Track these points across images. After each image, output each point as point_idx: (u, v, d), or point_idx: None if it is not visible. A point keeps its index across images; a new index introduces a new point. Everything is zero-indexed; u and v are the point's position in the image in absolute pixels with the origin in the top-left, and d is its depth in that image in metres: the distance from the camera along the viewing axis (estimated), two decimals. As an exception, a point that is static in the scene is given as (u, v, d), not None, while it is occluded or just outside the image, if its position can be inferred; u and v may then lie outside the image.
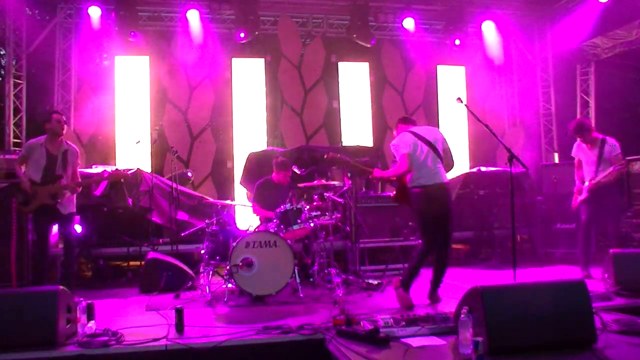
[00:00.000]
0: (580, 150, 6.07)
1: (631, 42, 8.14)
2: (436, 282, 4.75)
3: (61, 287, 3.65)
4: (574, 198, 6.12)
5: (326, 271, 5.62)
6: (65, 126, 5.30)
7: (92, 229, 6.53)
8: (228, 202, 6.83)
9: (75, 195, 5.31)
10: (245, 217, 7.50)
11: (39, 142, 5.16)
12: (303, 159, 7.09)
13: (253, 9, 8.63)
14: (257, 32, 8.74)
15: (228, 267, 4.96)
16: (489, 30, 9.35)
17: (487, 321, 3.03)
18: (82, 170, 6.78)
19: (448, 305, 4.37)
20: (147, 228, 6.53)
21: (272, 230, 5.21)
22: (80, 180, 5.42)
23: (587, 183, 5.99)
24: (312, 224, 5.43)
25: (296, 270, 5.09)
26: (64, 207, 5.17)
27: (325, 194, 5.97)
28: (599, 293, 4.47)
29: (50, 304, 3.48)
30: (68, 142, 5.33)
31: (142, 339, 3.63)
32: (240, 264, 4.88)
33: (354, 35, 9.11)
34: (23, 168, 5.15)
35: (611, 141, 5.93)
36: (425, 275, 4.90)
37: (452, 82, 10.03)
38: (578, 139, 6.01)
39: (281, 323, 3.94)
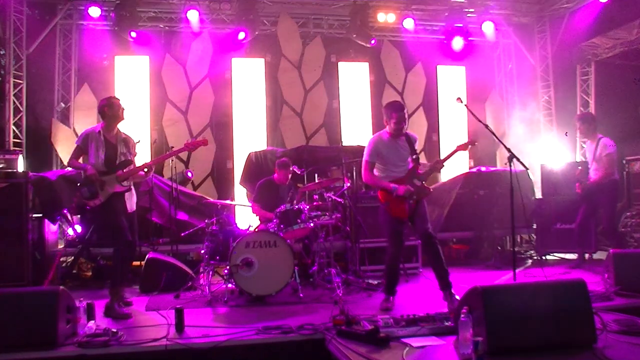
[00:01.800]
0: (587, 148, 6.63)
1: (631, 42, 8.13)
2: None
3: (61, 287, 3.65)
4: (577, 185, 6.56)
5: (326, 271, 5.62)
6: (124, 112, 4.87)
7: (92, 228, 6.52)
8: (228, 202, 6.84)
9: (135, 193, 4.94)
10: (245, 217, 7.50)
11: (95, 130, 4.77)
12: (303, 159, 7.08)
13: (253, 9, 8.63)
14: (257, 32, 8.74)
15: (228, 267, 4.97)
16: (489, 30, 9.35)
17: (487, 321, 3.03)
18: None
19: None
20: (147, 228, 6.53)
21: (272, 230, 5.21)
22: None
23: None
24: (312, 224, 5.43)
25: (296, 270, 5.09)
26: (130, 204, 4.82)
27: (325, 194, 5.97)
28: (599, 293, 4.47)
29: (50, 304, 3.48)
30: (123, 132, 4.94)
31: (142, 338, 3.64)
32: (240, 264, 4.88)
33: (354, 35, 9.11)
34: (81, 160, 4.79)
35: (605, 141, 6.31)
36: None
37: (452, 82, 10.03)
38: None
39: (281, 323, 3.95)
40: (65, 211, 6.45)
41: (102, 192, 4.64)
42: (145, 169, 4.87)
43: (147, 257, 5.87)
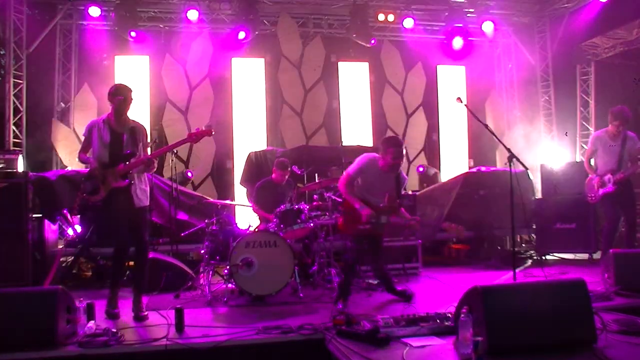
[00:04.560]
0: (599, 141, 6.13)
1: (631, 42, 8.14)
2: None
3: (61, 287, 3.65)
4: (593, 190, 6.14)
5: (326, 271, 5.62)
6: (122, 104, 4.53)
7: (92, 228, 6.51)
8: (228, 202, 6.83)
9: (149, 187, 4.65)
10: (245, 217, 7.50)
11: (101, 119, 4.50)
12: (303, 159, 7.08)
13: (253, 9, 8.63)
14: (257, 32, 8.74)
15: (228, 267, 4.96)
16: (489, 30, 9.35)
17: (487, 321, 3.03)
18: (79, 170, 6.79)
19: (448, 305, 4.37)
20: (147, 228, 6.52)
21: (272, 230, 5.21)
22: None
23: (607, 176, 6.01)
24: (312, 224, 5.43)
25: (296, 270, 5.09)
26: (138, 199, 4.45)
27: (325, 194, 5.96)
28: (599, 293, 4.47)
29: (50, 304, 3.48)
30: (134, 120, 4.64)
31: (142, 338, 3.64)
32: (240, 263, 4.88)
33: (354, 35, 9.11)
34: (88, 154, 4.53)
35: (632, 134, 6.02)
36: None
37: (452, 82, 10.03)
38: (599, 131, 6.17)
39: (281, 323, 3.95)
40: (65, 211, 6.45)
41: (103, 186, 4.35)
42: (148, 163, 4.47)
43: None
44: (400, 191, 4.76)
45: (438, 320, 3.62)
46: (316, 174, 6.42)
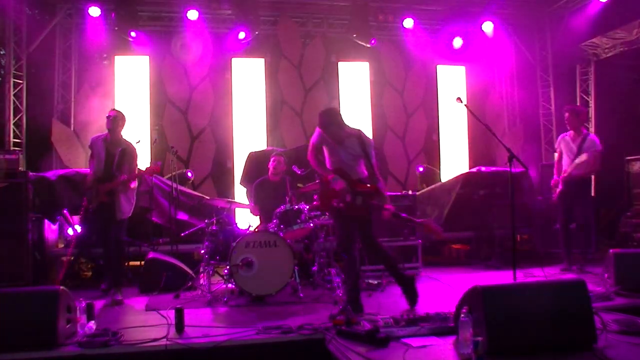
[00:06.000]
0: (563, 142, 6.26)
1: (631, 42, 8.13)
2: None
3: (61, 287, 3.65)
4: (553, 191, 6.28)
5: (326, 271, 5.62)
6: (115, 125, 5.13)
7: (92, 229, 6.52)
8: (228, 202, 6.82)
9: (133, 201, 5.23)
10: (245, 217, 7.49)
11: (100, 136, 5.17)
12: (303, 159, 7.07)
13: (253, 9, 8.63)
14: (257, 32, 8.74)
15: (228, 267, 4.97)
16: (489, 30, 9.34)
17: (487, 321, 3.03)
18: (79, 169, 6.80)
19: (448, 305, 4.37)
20: (147, 228, 6.53)
21: (272, 230, 5.21)
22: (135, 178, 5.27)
23: (563, 176, 6.14)
24: (312, 224, 5.43)
25: (296, 270, 5.09)
26: (120, 212, 5.09)
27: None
28: (599, 293, 4.47)
29: (50, 304, 3.48)
30: (127, 140, 5.24)
31: (142, 338, 3.64)
32: (240, 264, 4.88)
33: (354, 35, 9.11)
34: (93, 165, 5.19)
35: (592, 137, 6.16)
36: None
37: (452, 82, 10.03)
38: (565, 133, 6.25)
39: (281, 323, 3.95)
40: (65, 211, 6.45)
41: (95, 199, 5.06)
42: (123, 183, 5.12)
43: (147, 257, 5.87)
44: (370, 161, 4.48)
45: (438, 320, 3.62)
46: (316, 174, 6.40)
